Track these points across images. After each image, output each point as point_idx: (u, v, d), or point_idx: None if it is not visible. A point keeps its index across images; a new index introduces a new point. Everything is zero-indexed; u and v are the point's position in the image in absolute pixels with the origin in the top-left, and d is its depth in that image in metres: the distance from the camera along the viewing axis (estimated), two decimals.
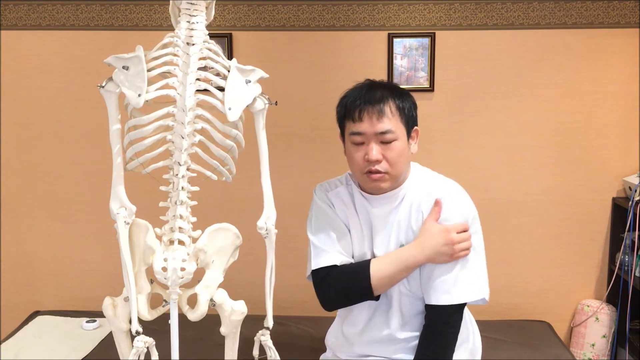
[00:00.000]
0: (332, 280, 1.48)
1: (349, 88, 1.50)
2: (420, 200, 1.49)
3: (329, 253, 1.50)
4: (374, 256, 1.52)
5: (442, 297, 1.43)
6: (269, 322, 1.50)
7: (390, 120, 1.42)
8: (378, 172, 1.43)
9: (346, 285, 1.47)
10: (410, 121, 1.47)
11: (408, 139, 1.48)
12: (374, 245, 1.53)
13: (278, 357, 1.51)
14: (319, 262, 1.49)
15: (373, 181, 1.45)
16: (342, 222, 1.55)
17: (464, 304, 1.47)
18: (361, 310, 1.56)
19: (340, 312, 1.68)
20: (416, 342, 1.53)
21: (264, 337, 1.51)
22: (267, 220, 1.43)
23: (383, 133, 1.41)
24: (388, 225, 1.51)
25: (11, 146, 2.60)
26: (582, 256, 2.56)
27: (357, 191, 1.55)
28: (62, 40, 2.50)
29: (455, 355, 1.55)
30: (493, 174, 2.52)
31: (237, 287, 1.54)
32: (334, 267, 1.48)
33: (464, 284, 1.44)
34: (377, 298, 1.50)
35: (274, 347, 1.51)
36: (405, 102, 1.46)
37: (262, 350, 1.55)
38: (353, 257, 1.55)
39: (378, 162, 1.42)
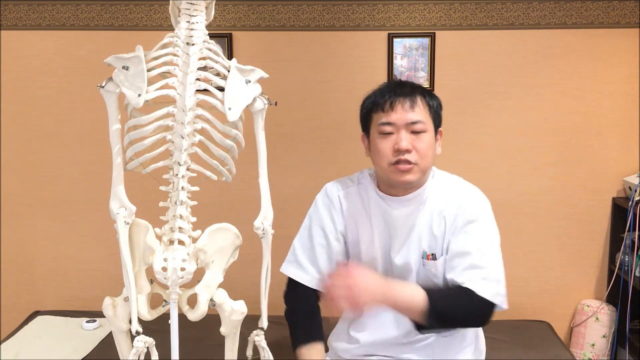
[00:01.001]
0: (291, 298, 1.55)
1: (373, 89, 1.50)
2: (442, 206, 1.48)
3: (301, 266, 1.52)
4: (389, 260, 1.50)
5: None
6: (264, 322, 1.50)
7: (421, 111, 1.43)
8: (407, 162, 1.41)
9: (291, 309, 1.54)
10: (437, 119, 1.49)
11: (435, 137, 1.49)
12: (392, 249, 1.50)
13: (272, 358, 1.51)
14: (289, 270, 1.54)
15: (401, 172, 1.41)
16: (342, 226, 1.53)
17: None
18: (370, 314, 1.56)
19: (345, 315, 1.68)
20: (426, 342, 1.53)
21: (258, 338, 1.51)
22: (264, 220, 1.43)
23: (414, 123, 1.41)
24: (408, 230, 1.49)
25: (11, 146, 2.59)
26: (582, 256, 2.56)
27: (374, 192, 1.52)
28: (62, 40, 2.50)
29: (459, 356, 1.55)
30: (493, 174, 2.51)
31: (237, 287, 1.54)
32: (297, 284, 1.52)
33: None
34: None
35: (267, 348, 1.51)
36: (433, 99, 1.49)
37: (255, 350, 1.55)
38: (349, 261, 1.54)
39: (408, 151, 1.41)
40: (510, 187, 2.52)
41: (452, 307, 1.37)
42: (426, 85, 2.45)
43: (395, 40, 2.43)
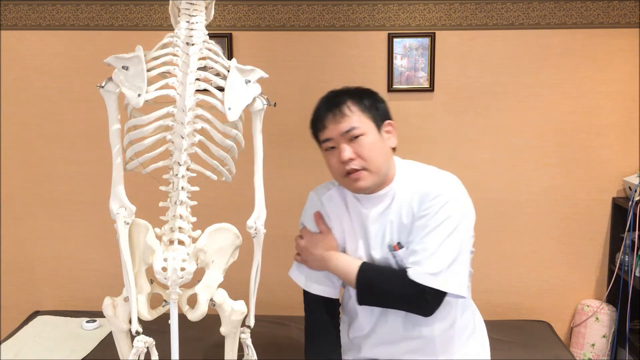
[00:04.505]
0: (306, 305, 1.61)
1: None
2: (411, 198, 1.47)
3: (307, 277, 1.57)
4: (371, 258, 1.52)
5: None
6: (251, 320, 1.50)
7: (350, 118, 1.43)
8: (355, 170, 1.43)
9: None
10: (377, 115, 1.47)
11: (380, 133, 1.47)
12: (371, 247, 1.52)
13: (255, 357, 1.52)
14: (299, 279, 1.59)
15: (353, 181, 1.45)
16: (334, 227, 1.56)
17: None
18: (366, 315, 1.56)
19: (344, 318, 1.68)
20: (431, 339, 1.53)
21: (244, 335, 1.51)
22: (257, 219, 1.44)
23: (347, 131, 1.43)
24: (382, 226, 1.50)
25: (11, 146, 2.60)
26: (582, 256, 2.56)
27: (349, 192, 1.55)
28: (62, 40, 2.50)
29: (466, 348, 1.57)
30: (493, 174, 2.52)
31: (237, 287, 1.54)
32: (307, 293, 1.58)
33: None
34: None
35: (252, 346, 1.52)
36: (364, 99, 1.47)
37: (240, 347, 1.55)
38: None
39: (351, 160, 1.43)
40: (510, 187, 2.52)
41: (382, 283, 1.45)
42: (426, 85, 2.45)
43: (395, 40, 2.43)
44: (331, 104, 1.47)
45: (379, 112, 1.48)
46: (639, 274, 2.35)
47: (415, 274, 1.40)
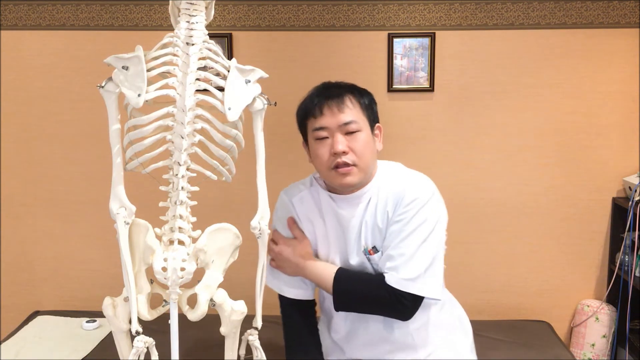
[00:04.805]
0: (283, 317, 1.61)
1: (305, 95, 1.52)
2: (386, 199, 1.46)
3: (281, 282, 1.58)
4: (346, 261, 1.51)
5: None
6: (258, 322, 1.50)
7: (351, 111, 1.43)
8: (346, 164, 1.41)
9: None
10: (371, 116, 1.48)
11: (372, 135, 1.48)
12: (347, 249, 1.51)
13: (264, 358, 1.52)
14: (273, 284, 1.60)
15: (341, 176, 1.43)
16: (305, 229, 1.55)
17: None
18: (340, 317, 1.57)
19: (322, 318, 1.68)
20: (410, 337, 1.53)
21: (252, 337, 1.50)
22: (261, 220, 1.43)
23: (346, 124, 1.42)
24: (357, 228, 1.49)
25: (11, 146, 2.60)
26: (582, 256, 2.56)
27: (323, 193, 1.53)
28: (62, 40, 2.50)
29: (448, 342, 1.58)
30: (493, 174, 2.51)
31: (237, 287, 1.54)
32: (289, 305, 1.59)
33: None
34: None
35: (260, 348, 1.51)
36: (363, 97, 1.48)
37: (249, 349, 1.55)
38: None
39: (345, 153, 1.41)
40: (510, 187, 2.52)
41: (358, 290, 1.45)
42: (426, 85, 2.45)
43: (395, 40, 2.43)
44: (332, 93, 1.45)
45: (373, 113, 1.49)
46: (639, 274, 2.35)
47: (393, 280, 1.39)
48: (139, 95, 1.27)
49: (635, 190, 2.33)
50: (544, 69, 2.43)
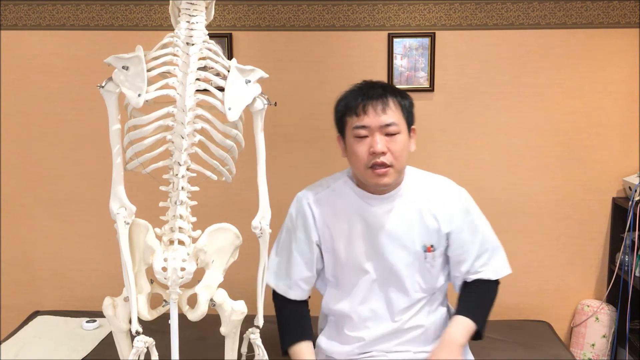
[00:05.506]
0: (278, 302, 1.65)
1: (345, 90, 1.54)
2: (427, 201, 1.55)
3: (279, 277, 1.63)
4: (379, 257, 1.54)
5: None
6: (260, 321, 1.50)
7: (394, 113, 1.46)
8: (383, 165, 1.45)
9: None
10: (409, 118, 1.51)
11: (408, 136, 1.51)
12: (379, 246, 1.54)
13: (266, 357, 1.52)
14: (278, 284, 1.63)
15: (377, 176, 1.46)
16: (315, 234, 1.59)
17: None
18: (370, 309, 1.59)
19: (333, 319, 1.68)
20: (421, 331, 1.59)
21: (254, 336, 1.50)
22: (262, 219, 1.43)
23: (388, 125, 1.44)
24: (394, 226, 1.53)
25: (11, 146, 2.59)
26: (582, 256, 2.56)
27: (352, 192, 1.56)
28: (62, 40, 2.50)
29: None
30: (493, 174, 2.51)
31: (237, 287, 1.54)
32: (284, 299, 1.63)
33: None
34: None
35: (262, 346, 1.51)
36: (404, 99, 1.51)
37: (250, 348, 1.55)
38: (338, 261, 1.59)
39: (383, 154, 1.44)
40: (510, 187, 2.52)
41: (486, 308, 1.64)
42: (426, 85, 2.45)
43: (395, 40, 2.43)
44: (376, 93, 1.47)
45: (411, 115, 1.52)
46: (639, 274, 2.35)
47: (497, 273, 1.63)
48: (139, 95, 1.27)
49: (635, 190, 2.33)
50: (544, 69, 2.43)
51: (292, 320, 1.63)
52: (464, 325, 1.55)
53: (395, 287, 1.57)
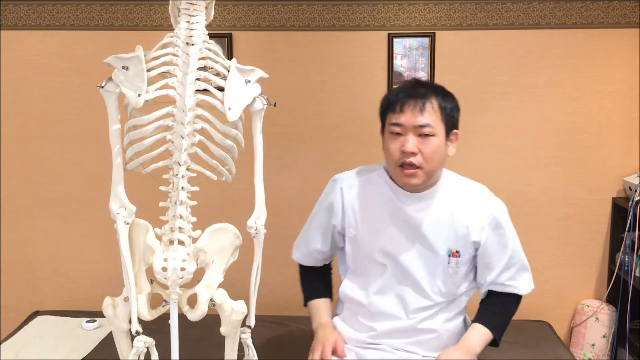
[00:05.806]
0: (299, 267, 1.79)
1: (396, 85, 1.57)
2: (462, 208, 1.55)
3: (305, 248, 1.72)
4: (401, 255, 1.56)
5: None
6: (251, 320, 1.50)
7: (430, 115, 1.45)
8: (412, 165, 1.45)
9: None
10: (450, 122, 1.50)
11: (446, 140, 1.50)
12: (404, 244, 1.55)
13: (256, 357, 1.52)
14: (295, 252, 1.76)
15: (405, 176, 1.47)
16: (340, 217, 1.62)
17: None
18: (385, 303, 1.60)
19: (349, 306, 1.68)
20: (433, 336, 1.59)
21: (245, 335, 1.50)
22: (257, 219, 1.43)
23: (422, 126, 1.44)
24: (424, 226, 1.54)
25: (11, 146, 2.60)
26: (582, 256, 2.56)
27: (386, 185, 1.57)
28: (62, 40, 2.50)
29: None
30: (493, 174, 2.51)
31: (237, 287, 1.54)
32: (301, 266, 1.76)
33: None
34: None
35: (252, 346, 1.52)
36: (448, 102, 1.50)
37: (240, 347, 1.55)
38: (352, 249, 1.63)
39: (413, 154, 1.44)
40: (510, 187, 2.52)
41: (506, 321, 1.67)
42: None
43: (395, 40, 2.43)
44: (417, 93, 1.47)
45: (452, 120, 1.52)
46: (639, 274, 2.35)
47: (522, 289, 1.67)
48: (139, 95, 1.27)
49: (635, 190, 2.33)
50: (544, 69, 2.43)
51: (308, 281, 1.76)
52: (483, 334, 1.59)
53: (412, 286, 1.57)
